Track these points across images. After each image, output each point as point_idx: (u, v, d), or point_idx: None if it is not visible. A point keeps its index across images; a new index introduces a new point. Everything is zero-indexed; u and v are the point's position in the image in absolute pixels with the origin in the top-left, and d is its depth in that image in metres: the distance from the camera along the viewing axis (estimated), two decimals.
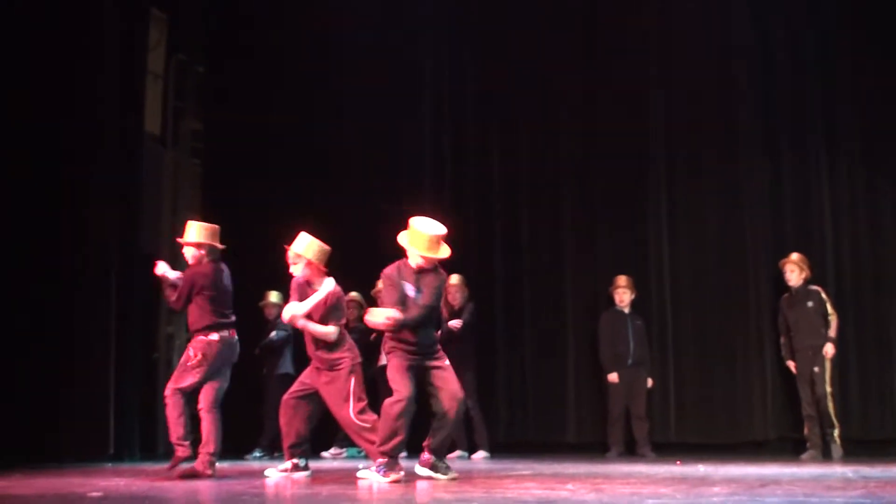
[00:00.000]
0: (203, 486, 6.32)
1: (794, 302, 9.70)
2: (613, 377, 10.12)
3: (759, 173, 10.47)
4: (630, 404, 10.12)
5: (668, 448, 10.00)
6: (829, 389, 9.39)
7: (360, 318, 10.71)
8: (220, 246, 7.39)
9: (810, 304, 9.59)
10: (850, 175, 10.28)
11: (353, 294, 10.76)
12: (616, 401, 10.13)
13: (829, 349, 9.45)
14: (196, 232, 7.31)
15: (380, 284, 10.40)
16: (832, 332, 9.51)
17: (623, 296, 10.27)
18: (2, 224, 9.13)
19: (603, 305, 10.50)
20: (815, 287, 9.70)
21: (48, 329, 9.11)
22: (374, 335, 10.46)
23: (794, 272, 9.69)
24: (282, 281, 10.95)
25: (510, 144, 11.27)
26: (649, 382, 10.21)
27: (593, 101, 11.07)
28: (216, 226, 7.46)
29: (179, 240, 7.44)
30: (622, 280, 10.30)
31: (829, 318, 9.52)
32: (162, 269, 7.39)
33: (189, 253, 7.33)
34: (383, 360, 10.27)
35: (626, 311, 10.29)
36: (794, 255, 9.74)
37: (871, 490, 5.56)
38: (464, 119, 11.48)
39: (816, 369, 9.44)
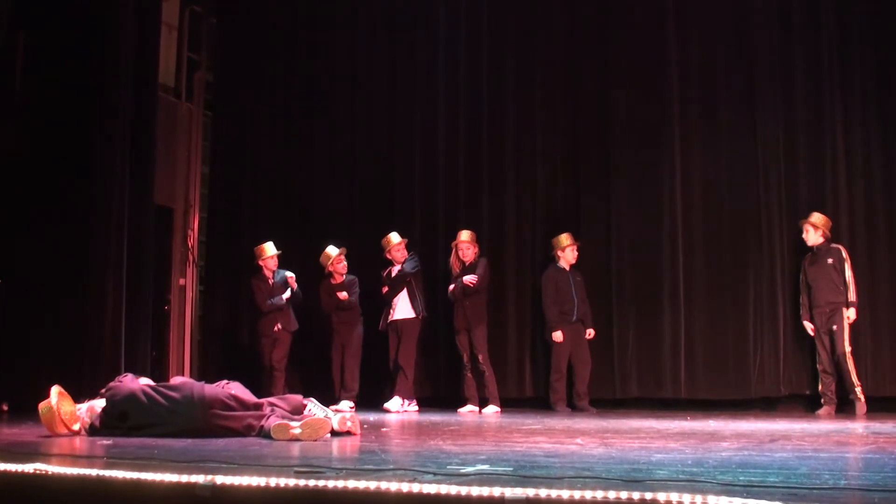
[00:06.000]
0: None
1: (814, 260, 9.69)
2: (558, 336, 10.11)
3: (772, 129, 10.34)
4: (575, 359, 10.15)
5: (679, 404, 9.97)
6: (848, 348, 9.37)
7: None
8: None
9: (830, 260, 9.57)
10: (866, 127, 10.14)
11: (332, 249, 10.66)
12: (562, 357, 10.13)
13: (851, 314, 9.46)
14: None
15: (391, 239, 10.44)
16: (852, 296, 9.48)
17: (575, 252, 10.28)
18: (17, 175, 9.14)
19: (615, 259, 10.46)
20: (836, 245, 9.67)
21: (60, 280, 9.13)
22: (385, 288, 10.47)
23: (809, 232, 9.70)
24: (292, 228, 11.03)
25: (525, 94, 11.11)
26: (590, 333, 10.21)
27: (608, 45, 10.90)
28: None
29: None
30: (569, 238, 10.29)
31: (848, 282, 9.49)
32: None
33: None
34: (394, 314, 10.32)
35: (567, 268, 10.28)
36: (814, 216, 9.70)
37: (881, 445, 5.56)
38: (478, 73, 11.36)
39: (835, 328, 9.45)
